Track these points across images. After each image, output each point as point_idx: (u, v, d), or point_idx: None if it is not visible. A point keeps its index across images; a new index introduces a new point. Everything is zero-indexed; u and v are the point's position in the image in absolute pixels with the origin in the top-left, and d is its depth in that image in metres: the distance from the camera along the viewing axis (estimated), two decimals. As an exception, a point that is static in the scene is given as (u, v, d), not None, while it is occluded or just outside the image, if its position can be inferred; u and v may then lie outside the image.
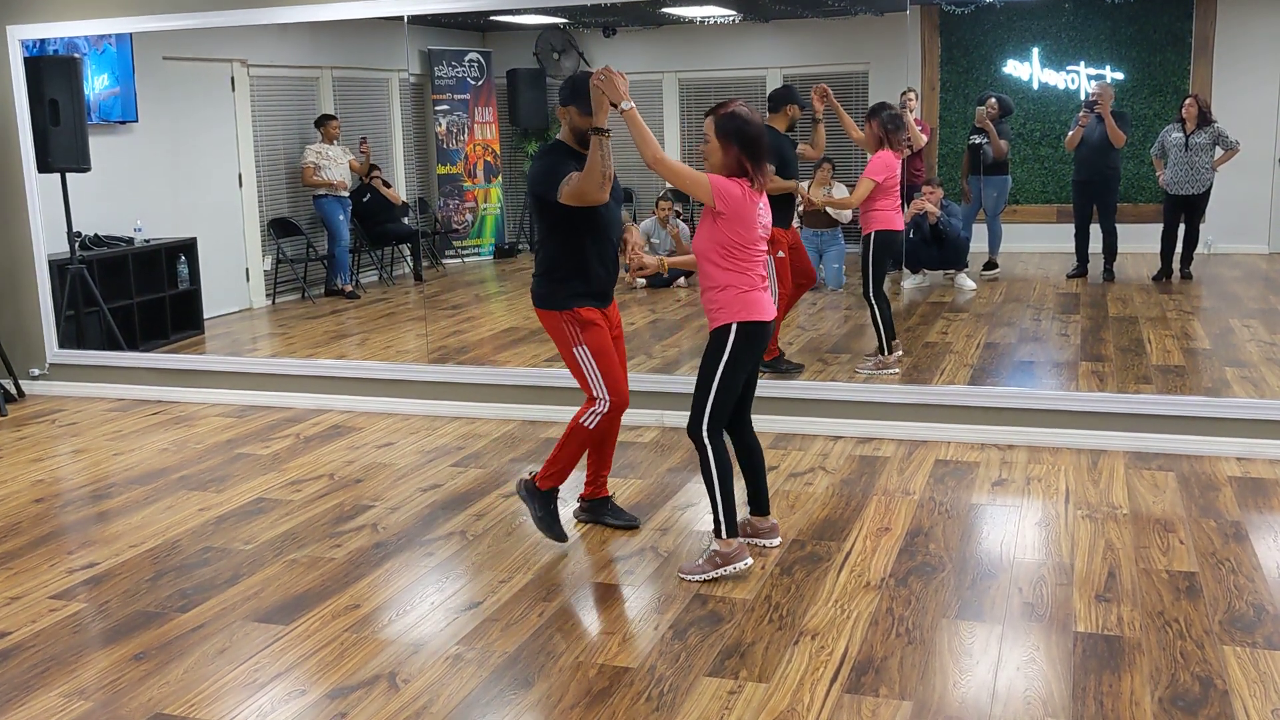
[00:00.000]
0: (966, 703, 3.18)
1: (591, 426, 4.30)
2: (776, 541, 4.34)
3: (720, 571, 4.01)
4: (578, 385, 4.37)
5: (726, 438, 4.10)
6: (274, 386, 6.76)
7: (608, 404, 4.28)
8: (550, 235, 4.25)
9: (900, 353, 6.51)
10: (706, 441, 4.00)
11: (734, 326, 3.94)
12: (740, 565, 4.02)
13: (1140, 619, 3.65)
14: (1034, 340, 7.03)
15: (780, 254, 6.38)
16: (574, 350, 4.27)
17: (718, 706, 3.20)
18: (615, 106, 3.90)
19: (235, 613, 3.91)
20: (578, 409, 4.38)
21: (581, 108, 4.11)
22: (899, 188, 6.47)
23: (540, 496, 4.39)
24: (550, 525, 4.38)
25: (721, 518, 4.02)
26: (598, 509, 4.64)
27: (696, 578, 4.02)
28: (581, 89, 4.09)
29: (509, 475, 5.28)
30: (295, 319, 8.72)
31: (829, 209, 8.02)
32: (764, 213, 3.98)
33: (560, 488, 4.42)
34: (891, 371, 6.36)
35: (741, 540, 4.08)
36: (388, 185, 9.54)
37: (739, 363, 3.98)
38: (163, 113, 8.14)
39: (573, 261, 4.24)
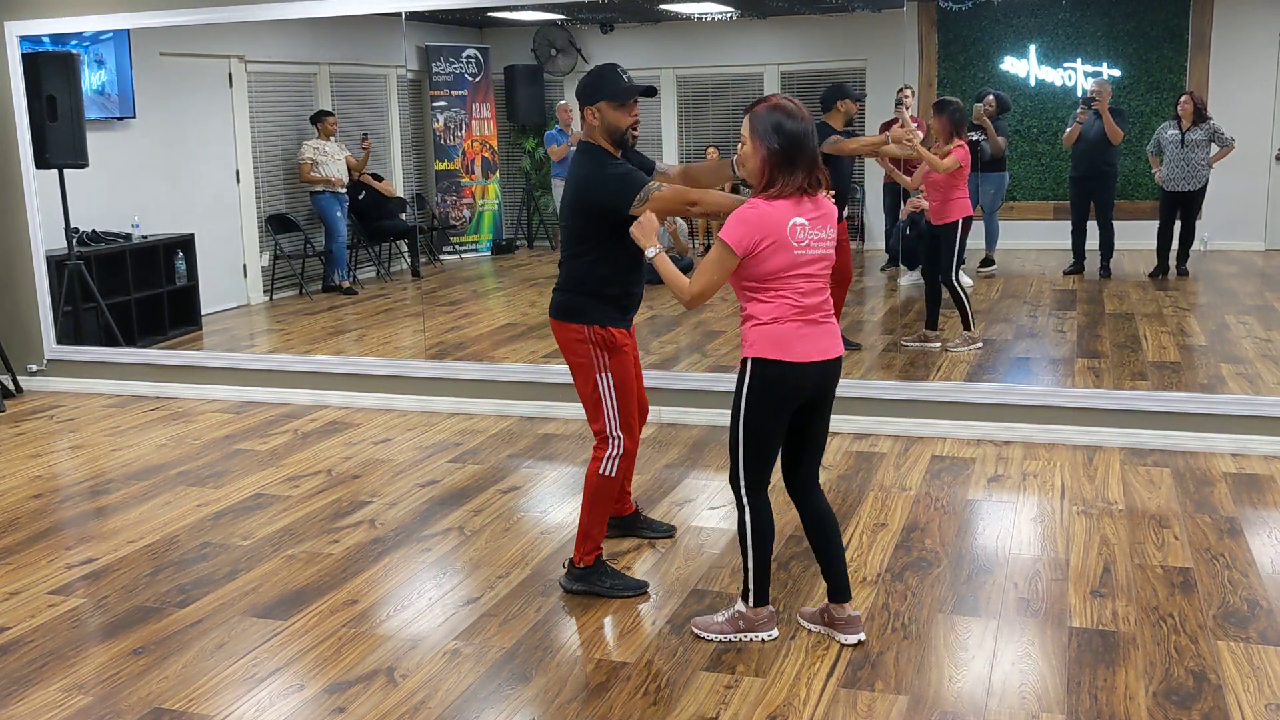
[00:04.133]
0: (962, 697, 3.19)
1: (613, 474, 3.88)
2: (855, 639, 3.53)
3: (741, 636, 3.56)
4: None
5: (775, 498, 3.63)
6: (272, 382, 6.76)
7: (622, 445, 3.88)
8: (593, 248, 3.77)
9: (978, 343, 6.87)
10: (744, 499, 3.49)
11: (749, 363, 3.37)
12: (765, 636, 3.57)
13: (1135, 614, 3.67)
14: (1030, 336, 7.04)
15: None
16: (596, 377, 3.84)
17: (714, 701, 3.22)
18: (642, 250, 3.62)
19: (233, 608, 3.92)
20: (589, 457, 3.98)
21: (614, 99, 3.70)
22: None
23: (592, 571, 3.94)
24: (624, 585, 3.93)
25: (751, 584, 3.54)
26: (629, 525, 4.40)
27: (713, 636, 3.58)
28: (609, 81, 3.71)
29: (506, 471, 5.29)
30: (293, 315, 8.72)
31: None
32: (817, 227, 3.32)
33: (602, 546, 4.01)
34: (976, 346, 6.77)
35: (771, 610, 3.59)
36: (379, 179, 9.55)
37: (761, 407, 3.38)
38: (160, 109, 8.14)
39: (616, 275, 3.81)
